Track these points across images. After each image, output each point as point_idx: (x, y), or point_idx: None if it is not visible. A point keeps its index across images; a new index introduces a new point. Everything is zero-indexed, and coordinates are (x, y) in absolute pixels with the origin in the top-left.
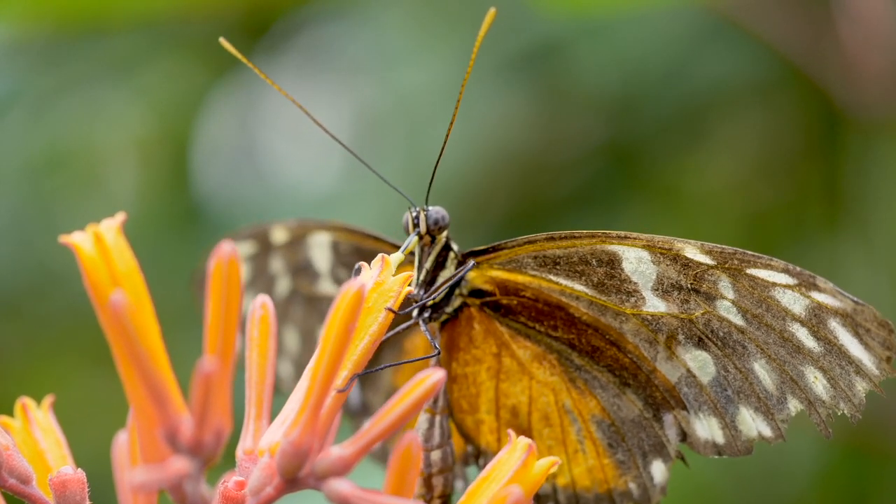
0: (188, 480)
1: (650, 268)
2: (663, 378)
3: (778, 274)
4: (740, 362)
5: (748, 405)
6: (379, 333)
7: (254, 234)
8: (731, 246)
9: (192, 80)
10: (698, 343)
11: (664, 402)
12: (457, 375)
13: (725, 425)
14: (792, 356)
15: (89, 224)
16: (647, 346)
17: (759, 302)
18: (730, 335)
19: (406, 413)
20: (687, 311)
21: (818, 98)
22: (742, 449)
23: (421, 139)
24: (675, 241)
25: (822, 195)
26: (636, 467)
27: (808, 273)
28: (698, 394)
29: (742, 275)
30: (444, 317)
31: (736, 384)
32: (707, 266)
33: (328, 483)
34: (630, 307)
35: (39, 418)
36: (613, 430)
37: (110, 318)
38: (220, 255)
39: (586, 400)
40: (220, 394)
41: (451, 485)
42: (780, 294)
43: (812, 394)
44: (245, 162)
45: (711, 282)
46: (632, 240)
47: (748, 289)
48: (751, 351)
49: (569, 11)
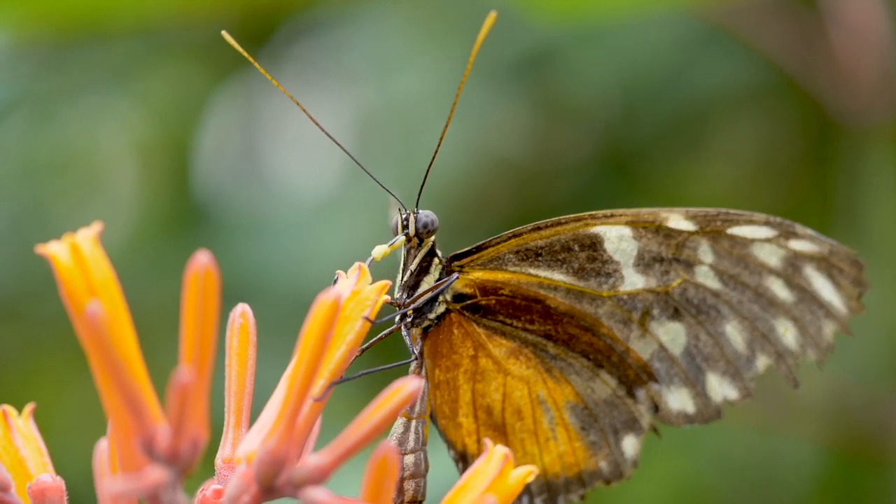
0: (165, 489)
1: (631, 245)
2: (636, 356)
3: (760, 228)
4: (712, 327)
5: (715, 370)
6: (356, 342)
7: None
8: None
9: (193, 86)
10: (673, 315)
11: (637, 379)
12: (439, 382)
13: (696, 394)
14: (765, 311)
15: (65, 234)
16: (622, 327)
17: (738, 261)
18: (704, 301)
19: (383, 421)
20: (665, 283)
21: (812, 105)
22: (712, 415)
23: (417, 145)
24: (659, 212)
25: (818, 201)
26: (607, 446)
27: (788, 222)
28: (670, 367)
29: (722, 236)
30: (427, 323)
31: (706, 351)
32: (689, 233)
33: (305, 491)
34: (608, 289)
35: (20, 426)
36: (587, 413)
37: (86, 328)
38: (196, 264)
39: (561, 388)
40: (197, 403)
41: (422, 491)
42: (758, 249)
43: (781, 345)
44: (246, 167)
45: (692, 248)
46: (616, 217)
47: (727, 249)
48: (724, 314)
49: (562, 19)
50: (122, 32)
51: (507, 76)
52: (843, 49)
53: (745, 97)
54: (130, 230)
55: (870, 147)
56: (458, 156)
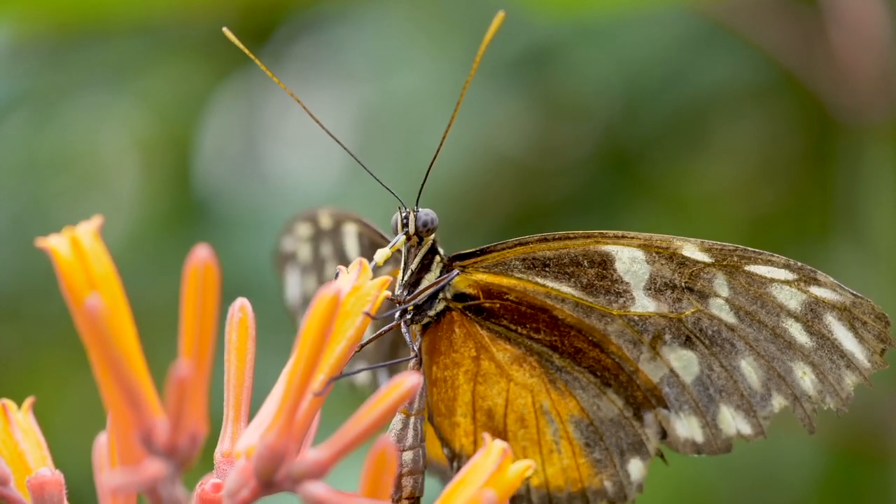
0: (163, 483)
1: (643, 267)
2: (645, 378)
3: (778, 270)
4: (727, 360)
5: (729, 403)
6: (356, 337)
7: (308, 216)
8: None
9: (194, 83)
10: (685, 342)
11: (645, 402)
12: (437, 379)
13: (706, 424)
14: (782, 352)
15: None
16: (631, 347)
17: (755, 299)
18: (719, 333)
19: (381, 417)
20: (677, 311)
21: (812, 103)
22: (721, 447)
23: (417, 142)
24: (673, 240)
25: (818, 198)
26: (612, 465)
27: (809, 268)
28: (680, 393)
29: (739, 272)
30: (427, 320)
31: (719, 383)
32: (704, 264)
33: (304, 486)
34: (618, 308)
35: (20, 420)
36: (592, 430)
37: (86, 322)
38: (195, 258)
39: (566, 401)
40: (196, 397)
41: (420, 487)
42: (776, 290)
43: (798, 389)
44: (246, 164)
45: (707, 280)
46: (628, 239)
47: (744, 286)
48: (739, 349)
49: (563, 17)
50: (123, 30)
51: (507, 74)
52: (843, 47)
53: (745, 95)
54: (131, 227)
55: (870, 145)
56: (458, 153)
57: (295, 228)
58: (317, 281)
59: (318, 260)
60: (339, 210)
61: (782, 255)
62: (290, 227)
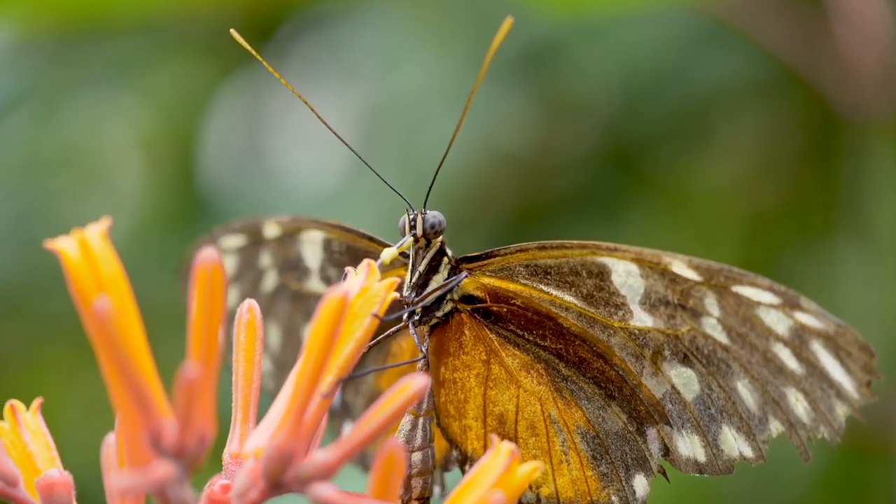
0: (172, 484)
1: (638, 281)
2: (648, 393)
3: (763, 292)
4: (724, 381)
5: (731, 424)
6: (364, 339)
7: (245, 227)
8: (730, 255)
9: (198, 81)
10: (683, 360)
11: (648, 417)
12: (445, 380)
13: (707, 444)
14: (775, 377)
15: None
16: (634, 361)
17: (744, 320)
18: (714, 353)
19: (390, 418)
20: (673, 327)
21: (815, 100)
22: (723, 468)
23: (420, 140)
24: (663, 256)
25: (821, 196)
26: (619, 480)
27: (793, 293)
28: (682, 410)
29: (728, 292)
30: (434, 321)
31: (719, 403)
32: (694, 282)
33: (312, 487)
34: (618, 320)
35: (28, 420)
36: (598, 443)
37: (94, 323)
38: (203, 260)
39: (572, 411)
40: (204, 398)
41: (429, 488)
42: (764, 313)
43: (793, 415)
44: (250, 161)
45: (698, 298)
46: (621, 252)
47: (733, 307)
48: (734, 370)
49: (565, 15)
50: (127, 28)
51: (510, 71)
52: (846, 44)
53: (748, 92)
54: (135, 224)
55: (873, 142)
56: (461, 151)
57: (219, 240)
58: (239, 294)
59: (255, 270)
60: (299, 217)
61: (787, 251)
62: (213, 238)
